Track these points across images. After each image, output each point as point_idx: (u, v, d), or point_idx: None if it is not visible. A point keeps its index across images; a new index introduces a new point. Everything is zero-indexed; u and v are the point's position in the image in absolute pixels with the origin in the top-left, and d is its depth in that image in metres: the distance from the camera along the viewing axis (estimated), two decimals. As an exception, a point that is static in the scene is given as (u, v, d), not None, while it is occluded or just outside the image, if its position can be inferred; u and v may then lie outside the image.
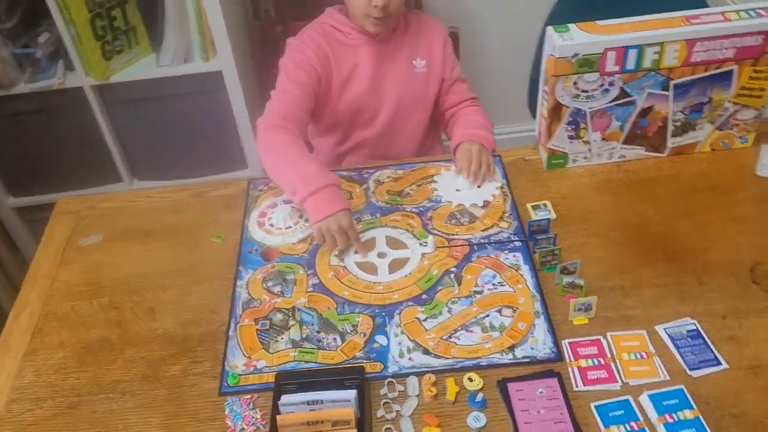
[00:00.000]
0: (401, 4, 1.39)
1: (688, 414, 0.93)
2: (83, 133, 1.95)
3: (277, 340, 1.09)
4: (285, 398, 0.95)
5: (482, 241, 1.22)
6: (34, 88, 1.82)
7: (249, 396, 1.02)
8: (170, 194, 1.41)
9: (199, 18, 1.77)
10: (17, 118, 1.93)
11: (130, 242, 1.30)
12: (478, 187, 1.34)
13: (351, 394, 0.94)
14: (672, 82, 1.26)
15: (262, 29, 2.12)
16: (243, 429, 0.97)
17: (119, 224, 1.35)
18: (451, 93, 1.53)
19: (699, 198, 1.28)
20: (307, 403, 0.94)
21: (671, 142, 1.35)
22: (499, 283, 1.15)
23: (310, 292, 1.16)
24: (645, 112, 1.30)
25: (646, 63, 1.23)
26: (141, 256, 1.27)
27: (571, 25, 1.23)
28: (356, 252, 1.23)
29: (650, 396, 0.96)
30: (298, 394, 0.95)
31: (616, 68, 1.23)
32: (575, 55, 1.20)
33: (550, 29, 1.23)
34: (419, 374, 1.02)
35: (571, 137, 1.32)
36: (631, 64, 1.23)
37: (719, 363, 1.00)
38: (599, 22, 1.23)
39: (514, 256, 1.19)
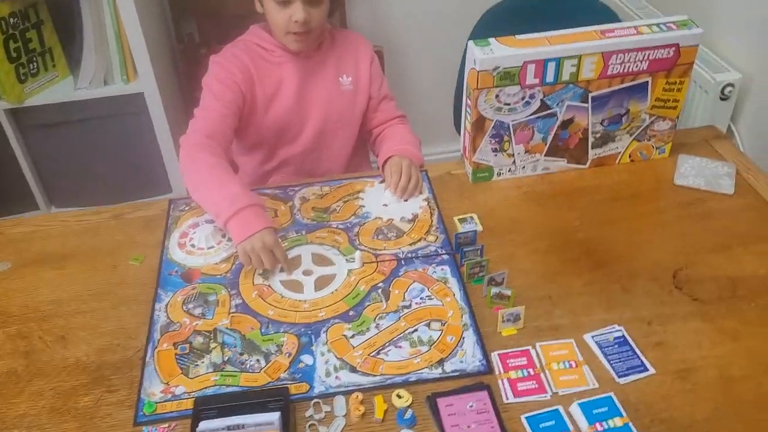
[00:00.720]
0: (323, 20, 1.37)
1: (618, 421, 0.93)
2: (-4, 160, 1.86)
3: (197, 364, 1.04)
4: (204, 424, 0.90)
5: (409, 255, 1.21)
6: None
7: (166, 424, 0.96)
8: (88, 217, 1.35)
9: (119, 39, 1.72)
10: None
11: (42, 268, 1.23)
12: (405, 201, 1.33)
13: (274, 416, 0.90)
14: (590, 94, 1.28)
15: (185, 52, 2.08)
16: (160, 459, 0.92)
17: (31, 249, 1.27)
18: (379, 111, 1.52)
19: (622, 206, 1.30)
20: (228, 428, 0.90)
21: (592, 154, 1.37)
22: (427, 296, 1.13)
23: (232, 313, 1.12)
24: (565, 124, 1.32)
25: (565, 75, 1.25)
26: (54, 282, 1.20)
27: (492, 40, 1.24)
28: (282, 270, 1.19)
29: (580, 405, 0.95)
30: (218, 419, 0.90)
31: (536, 81, 1.24)
32: (496, 68, 1.21)
33: (471, 43, 1.24)
34: (347, 393, 0.98)
35: (495, 150, 1.33)
36: (550, 77, 1.24)
37: (646, 369, 1.00)
38: (518, 36, 1.25)
39: (442, 269, 1.18)
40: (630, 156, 1.40)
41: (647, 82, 1.29)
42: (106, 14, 1.69)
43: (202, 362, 1.04)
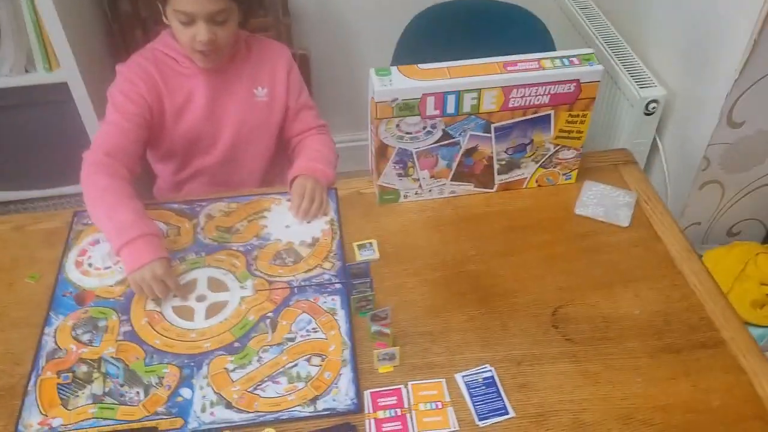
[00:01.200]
0: (231, 36, 1.35)
1: (468, 468, 0.98)
2: None
3: (77, 395, 1.07)
4: (70, 465, 0.94)
5: (303, 283, 1.23)
6: None
7: (41, 458, 1.00)
8: (-11, 227, 1.36)
9: (37, 27, 1.69)
10: None
11: (-63, 282, 1.25)
12: (308, 222, 1.35)
13: (138, 459, 0.94)
14: (493, 125, 1.29)
15: (121, 32, 2.04)
16: (30, 494, 0.96)
17: (-75, 260, 1.29)
18: (297, 120, 1.52)
19: (519, 237, 1.33)
20: (93, 470, 0.94)
21: (498, 179, 1.39)
22: (313, 329, 1.16)
23: (120, 340, 1.14)
24: (470, 152, 1.33)
25: (466, 108, 1.25)
26: (-53, 299, 1.22)
27: (393, 69, 1.24)
28: (176, 296, 1.21)
29: (436, 449, 1.00)
30: (85, 460, 0.95)
31: (437, 112, 1.25)
32: (395, 99, 1.21)
33: (372, 72, 1.23)
34: (219, 431, 1.03)
35: (400, 175, 1.34)
36: (450, 109, 1.25)
37: (507, 412, 1.05)
38: (421, 66, 1.24)
39: (333, 299, 1.21)
40: (537, 181, 1.42)
41: (550, 114, 1.30)
42: (23, 1, 1.65)
43: (83, 393, 1.07)
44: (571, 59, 1.26)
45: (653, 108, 1.70)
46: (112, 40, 2.05)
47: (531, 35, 1.66)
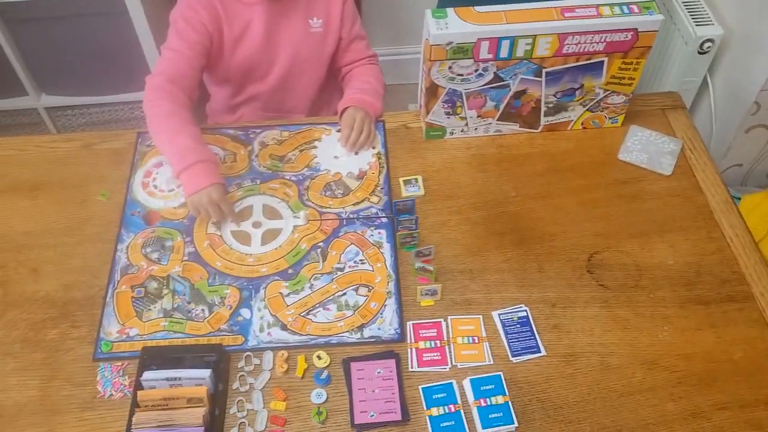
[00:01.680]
0: None
1: (500, 399, 1.07)
2: (-15, 48, 1.92)
3: (150, 309, 1.18)
4: (147, 374, 1.06)
5: (351, 216, 1.31)
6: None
7: (120, 363, 1.12)
8: (60, 144, 1.44)
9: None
10: None
11: (17, 196, 1.35)
12: (356, 154, 1.41)
13: (206, 373, 1.06)
14: (544, 70, 1.30)
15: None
16: (112, 395, 1.09)
17: (7, 175, 1.38)
18: (349, 50, 1.54)
19: (560, 179, 1.37)
20: (167, 379, 1.06)
21: (544, 120, 1.42)
22: (360, 260, 1.24)
23: (185, 260, 1.25)
24: (518, 94, 1.35)
25: (519, 53, 1.26)
26: (27, 213, 1.32)
27: (450, 11, 1.25)
28: (232, 221, 1.30)
29: (471, 381, 1.09)
30: (160, 371, 1.06)
31: (490, 56, 1.26)
32: (449, 43, 1.23)
33: (428, 14, 1.25)
34: (275, 349, 1.14)
35: (448, 113, 1.38)
36: (503, 53, 1.26)
37: (539, 350, 1.14)
38: (477, 8, 1.25)
39: (379, 233, 1.28)
40: (582, 124, 1.44)
41: (603, 61, 1.30)
42: None
43: (155, 307, 1.19)
44: (630, 6, 1.26)
45: (708, 47, 1.68)
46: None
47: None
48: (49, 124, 2.16)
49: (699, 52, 1.69)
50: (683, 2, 1.76)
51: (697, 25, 1.69)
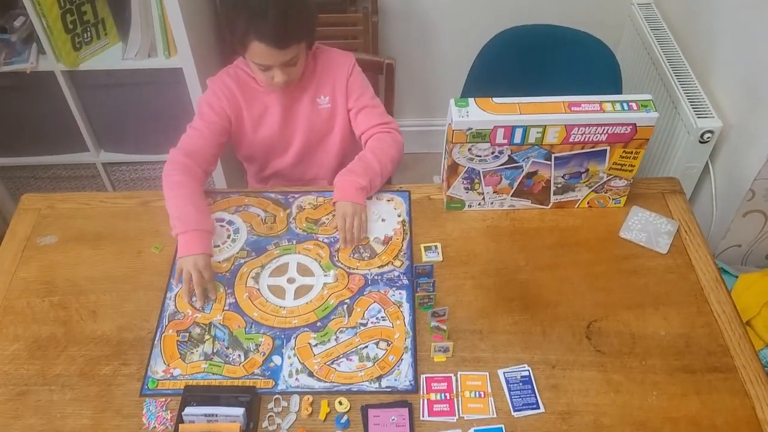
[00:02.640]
0: (302, 68, 1.57)
1: (500, 449, 1.20)
2: (55, 109, 2.15)
3: (192, 352, 1.33)
4: (188, 410, 1.20)
5: (376, 277, 1.46)
6: (9, 70, 1.98)
7: (164, 399, 1.27)
8: (121, 201, 1.62)
9: (162, 19, 1.92)
10: (-6, 92, 2.11)
11: (82, 245, 1.52)
12: (383, 221, 1.56)
13: (239, 411, 1.20)
14: (553, 155, 1.46)
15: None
16: (155, 428, 1.23)
17: (74, 226, 1.56)
18: (359, 119, 1.69)
19: (566, 252, 1.51)
20: (205, 415, 1.20)
21: (554, 198, 1.57)
22: (382, 317, 1.39)
23: (226, 310, 1.40)
24: (530, 175, 1.51)
25: (531, 139, 1.43)
26: (91, 260, 1.50)
27: (470, 100, 1.42)
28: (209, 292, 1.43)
29: (476, 431, 1.22)
30: (199, 407, 1.21)
31: (505, 141, 1.43)
32: (469, 129, 1.40)
33: (452, 102, 1.42)
34: (302, 394, 1.27)
35: (467, 188, 1.54)
36: (517, 139, 1.43)
37: (538, 407, 1.26)
38: (495, 100, 1.42)
39: (400, 293, 1.43)
40: (588, 203, 1.59)
41: (606, 149, 1.46)
42: (153, -4, 1.90)
43: (197, 351, 1.34)
44: (630, 104, 1.42)
45: (708, 138, 1.83)
46: (216, 27, 2.28)
47: (600, 63, 1.80)
48: (104, 178, 2.37)
49: (700, 142, 1.85)
50: (687, 96, 1.92)
51: (698, 117, 1.85)
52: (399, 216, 1.58)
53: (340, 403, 1.25)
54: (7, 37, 1.95)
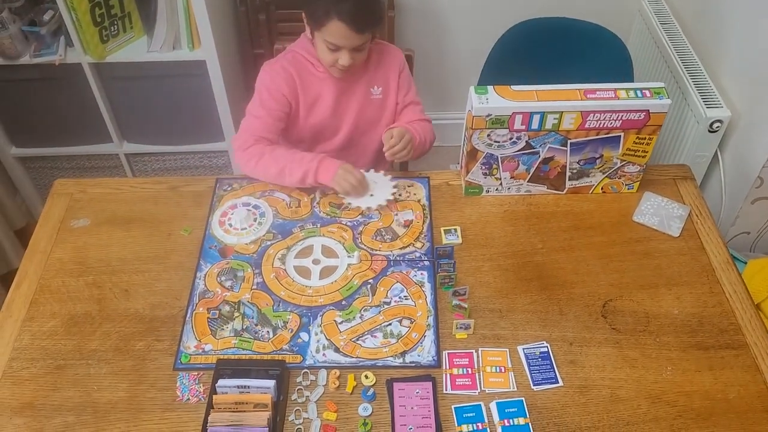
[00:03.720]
0: (365, 57, 1.62)
1: (521, 421, 1.25)
2: (80, 100, 2.21)
3: (223, 329, 1.39)
4: (221, 382, 1.25)
5: (398, 258, 1.51)
6: (38, 62, 2.04)
7: (196, 373, 1.32)
8: (150, 186, 1.68)
9: (187, 12, 1.98)
10: (23, 83, 2.18)
11: (114, 228, 1.58)
12: (397, 197, 1.62)
13: (271, 383, 1.25)
14: (569, 141, 1.51)
15: (247, 14, 2.32)
16: (189, 399, 1.28)
17: (106, 210, 1.62)
18: (403, 114, 1.76)
19: (581, 235, 1.56)
20: (238, 387, 1.25)
21: (569, 184, 1.62)
22: (404, 296, 1.44)
23: (254, 289, 1.45)
24: (547, 160, 1.56)
25: (548, 125, 1.48)
26: (122, 242, 1.55)
27: (489, 88, 1.47)
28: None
29: (497, 404, 1.26)
30: (232, 379, 1.26)
31: (523, 127, 1.48)
32: (489, 115, 1.45)
33: (471, 89, 1.47)
34: (328, 368, 1.32)
35: (485, 174, 1.59)
36: (535, 125, 1.48)
37: (557, 381, 1.31)
38: (513, 87, 1.47)
39: (422, 273, 1.48)
40: (602, 188, 1.64)
41: (620, 135, 1.51)
42: (177, -12, 1.96)
43: (227, 327, 1.39)
44: (643, 91, 1.47)
45: (717, 127, 1.88)
46: (238, 21, 2.34)
47: (612, 56, 1.85)
48: (126, 169, 2.43)
49: (709, 131, 1.89)
50: (696, 87, 1.97)
51: (707, 107, 1.89)
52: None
53: (366, 377, 1.31)
54: (37, 29, 2.02)
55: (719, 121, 1.87)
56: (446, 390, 1.30)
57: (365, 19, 1.51)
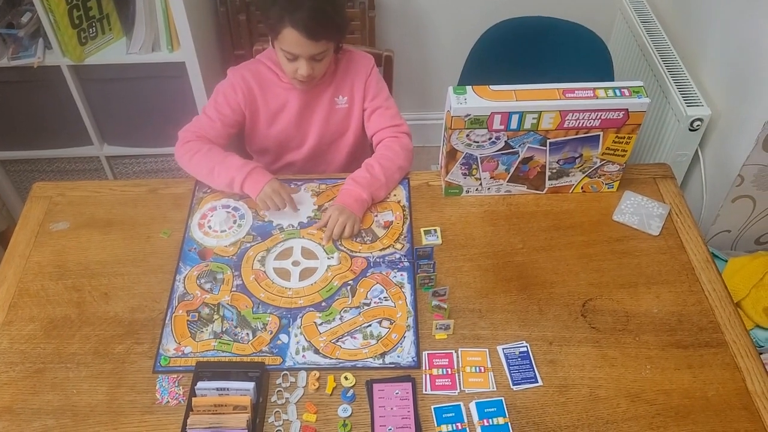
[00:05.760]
0: (326, 67, 1.61)
1: (500, 420, 1.25)
2: (60, 103, 2.19)
3: (202, 331, 1.38)
4: (200, 384, 1.25)
5: (378, 260, 1.51)
6: (16, 65, 2.03)
7: (176, 375, 1.31)
8: (130, 188, 1.67)
9: (166, 13, 1.97)
10: (1, 86, 2.16)
11: (93, 231, 1.57)
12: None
13: (250, 385, 1.25)
14: (548, 140, 1.52)
15: (227, 15, 2.31)
16: (168, 402, 1.28)
17: (85, 213, 1.61)
18: (371, 120, 1.73)
19: (561, 235, 1.56)
20: (217, 389, 1.25)
21: (549, 183, 1.62)
22: (384, 297, 1.44)
23: (233, 291, 1.45)
24: (526, 160, 1.56)
25: (526, 125, 1.48)
26: (101, 245, 1.54)
27: (468, 88, 1.47)
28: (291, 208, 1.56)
29: (477, 404, 1.27)
30: (211, 381, 1.25)
31: (502, 127, 1.48)
32: (467, 115, 1.46)
33: (450, 90, 1.47)
34: (308, 370, 1.32)
35: (464, 174, 1.59)
36: (513, 125, 1.48)
37: (536, 381, 1.31)
38: (492, 87, 1.48)
39: (401, 274, 1.48)
40: (582, 188, 1.64)
41: (599, 135, 1.52)
42: (156, -11, 1.95)
43: (206, 330, 1.38)
44: (622, 90, 1.47)
45: (697, 126, 1.89)
46: (218, 22, 2.33)
47: (593, 55, 1.86)
48: (107, 171, 2.42)
49: (690, 130, 1.90)
50: (676, 85, 1.98)
51: (688, 106, 1.90)
52: (398, 202, 1.64)
53: (346, 378, 1.30)
54: (14, 32, 2.00)
55: (699, 119, 1.88)
56: (426, 390, 1.30)
57: (320, 26, 1.49)
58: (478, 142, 1.51)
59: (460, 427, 1.24)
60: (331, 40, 1.56)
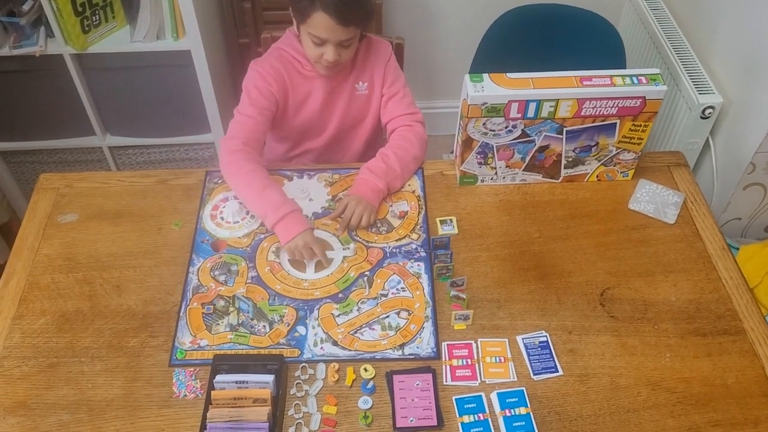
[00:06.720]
0: (352, 54, 1.59)
1: (522, 410, 1.24)
2: (62, 92, 2.16)
3: (218, 323, 1.36)
4: (219, 377, 1.23)
5: (394, 250, 1.49)
6: (18, 54, 1.99)
7: (192, 369, 1.30)
8: (138, 179, 1.64)
9: (171, 0, 1.94)
10: (2, 76, 2.13)
11: (102, 223, 1.54)
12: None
13: (270, 378, 1.23)
14: (565, 129, 1.50)
15: (232, 2, 2.28)
16: (186, 396, 1.26)
17: (94, 204, 1.58)
18: (388, 106, 1.72)
19: (577, 224, 1.55)
20: (236, 382, 1.23)
21: (564, 172, 1.61)
22: (401, 288, 1.42)
23: (248, 283, 1.43)
24: (542, 149, 1.55)
25: (543, 113, 1.46)
26: (112, 237, 1.52)
27: (485, 76, 1.46)
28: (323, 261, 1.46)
29: (498, 394, 1.26)
30: (230, 374, 1.24)
31: (519, 115, 1.46)
32: (484, 103, 1.44)
33: (467, 78, 1.45)
34: (327, 362, 1.31)
35: (480, 163, 1.57)
36: (530, 113, 1.46)
37: (557, 370, 1.30)
38: (509, 75, 1.46)
39: (418, 265, 1.46)
40: (597, 176, 1.63)
41: (616, 123, 1.50)
42: (162, -22, 1.91)
43: (222, 322, 1.37)
44: (639, 78, 1.46)
45: (709, 113, 1.88)
46: (222, 9, 2.29)
47: (605, 42, 1.85)
48: (110, 162, 2.38)
49: (701, 117, 1.89)
50: (688, 73, 1.97)
51: (699, 94, 1.89)
52: (413, 192, 1.62)
53: (366, 369, 1.29)
54: (16, 20, 1.96)
55: (711, 107, 1.87)
56: (446, 381, 1.29)
57: (350, 11, 1.47)
58: (494, 130, 1.50)
59: (482, 418, 1.23)
60: (360, 26, 1.53)
